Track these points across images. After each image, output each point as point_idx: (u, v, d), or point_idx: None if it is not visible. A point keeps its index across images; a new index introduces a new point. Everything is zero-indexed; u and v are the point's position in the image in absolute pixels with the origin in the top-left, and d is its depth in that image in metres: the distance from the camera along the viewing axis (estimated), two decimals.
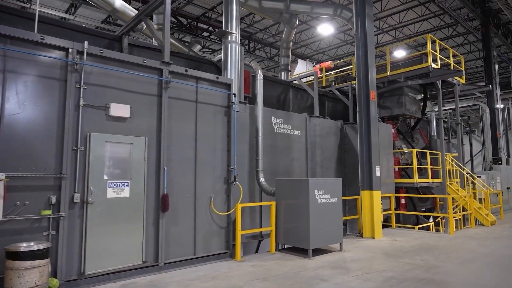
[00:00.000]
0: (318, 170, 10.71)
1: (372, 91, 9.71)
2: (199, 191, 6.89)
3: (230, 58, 8.32)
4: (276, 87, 11.88)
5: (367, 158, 9.58)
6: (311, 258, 6.98)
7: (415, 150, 11.75)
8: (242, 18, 21.11)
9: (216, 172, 7.25)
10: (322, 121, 11.19)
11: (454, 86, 13.20)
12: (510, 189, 16.05)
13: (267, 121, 9.43)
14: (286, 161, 9.91)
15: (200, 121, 7.06)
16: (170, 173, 6.48)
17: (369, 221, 9.36)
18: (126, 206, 5.87)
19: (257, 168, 8.75)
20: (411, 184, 11.66)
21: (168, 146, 6.50)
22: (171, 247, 6.39)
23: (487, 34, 18.31)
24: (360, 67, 9.86)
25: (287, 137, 9.98)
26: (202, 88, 7.14)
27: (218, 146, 7.34)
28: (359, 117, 9.84)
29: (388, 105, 13.45)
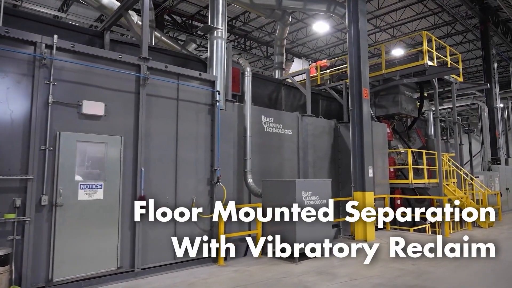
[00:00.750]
0: (311, 170, 10.39)
1: (365, 89, 9.40)
2: (180, 193, 6.58)
3: (215, 55, 8.00)
4: (268, 86, 11.57)
5: (359, 158, 9.27)
6: (297, 263, 6.67)
7: (410, 150, 11.42)
8: (237, 16, 20.82)
9: (199, 172, 6.94)
10: (314, 120, 10.88)
11: (451, 84, 12.86)
12: (510, 190, 15.71)
13: (256, 120, 9.12)
14: (277, 161, 9.61)
15: (181, 119, 6.75)
16: (149, 174, 6.18)
17: (361, 223, 9.03)
18: (100, 208, 5.57)
19: (245, 169, 8.46)
20: (406, 184, 11.33)
21: (146, 146, 6.19)
22: (149, 251, 6.09)
23: (486, 32, 17.97)
24: (353, 64, 9.55)
25: (277, 137, 9.67)
26: (184, 85, 6.84)
27: (201, 146, 7.04)
28: (352, 115, 9.53)
29: (384, 104, 13.13)
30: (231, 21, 21.30)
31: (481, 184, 13.31)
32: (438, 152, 11.69)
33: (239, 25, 21.49)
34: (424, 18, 20.47)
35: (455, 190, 12.26)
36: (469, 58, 26.70)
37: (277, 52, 14.74)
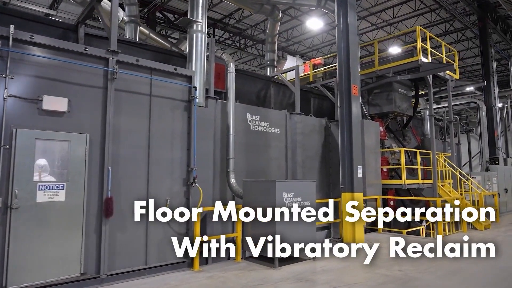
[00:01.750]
0: (299, 170, 10.01)
1: (354, 86, 9.02)
2: (153, 194, 6.21)
3: (195, 49, 7.64)
4: (256, 83, 11.19)
5: (348, 157, 8.89)
6: (277, 269, 6.29)
7: (403, 149, 11.03)
8: (231, 14, 20.47)
9: (174, 172, 6.58)
10: (304, 119, 10.49)
11: (446, 81, 12.46)
12: (508, 191, 15.28)
13: (241, 118, 8.75)
14: (263, 161, 9.22)
15: (155, 116, 6.39)
16: (117, 174, 5.82)
17: (350, 225, 8.66)
18: (61, 211, 5.21)
19: (227, 169, 8.07)
20: (399, 185, 10.94)
21: (115, 144, 5.83)
22: (117, 256, 5.73)
23: (484, 29, 17.55)
24: (342, 60, 9.17)
25: (264, 135, 9.29)
26: (157, 80, 6.47)
27: (177, 145, 6.67)
28: (340, 113, 9.15)
29: (377, 102, 12.75)
30: (225, 18, 20.97)
31: (477, 185, 12.90)
32: (432, 152, 11.29)
33: (233, 23, 21.11)
34: (421, 15, 20.08)
35: (451, 191, 11.86)
36: (468, 57, 26.28)
37: (269, 49, 14.34)
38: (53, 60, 5.36)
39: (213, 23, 21.33)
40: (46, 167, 5.29)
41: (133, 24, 10.69)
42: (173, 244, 6.39)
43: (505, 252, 7.43)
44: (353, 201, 8.62)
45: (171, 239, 6.38)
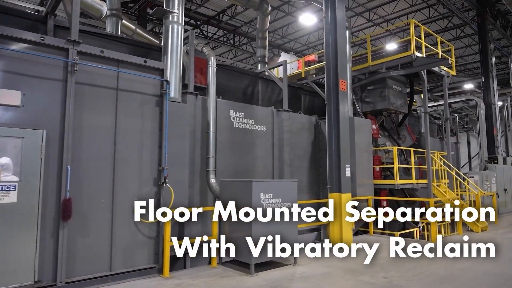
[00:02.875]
0: (287, 169, 9.56)
1: (342, 81, 8.57)
2: (119, 195, 5.79)
3: (171, 41, 7.21)
4: (243, 79, 10.75)
5: (336, 156, 8.44)
6: (253, 275, 5.85)
7: (395, 148, 10.57)
8: (224, 10, 20.04)
9: (144, 172, 6.15)
10: (292, 116, 10.05)
11: (442, 77, 12.00)
12: (507, 191, 14.78)
13: (224, 114, 8.33)
14: (248, 160, 8.79)
15: (122, 112, 5.97)
16: (78, 173, 5.40)
17: (338, 228, 8.21)
18: (12, 213, 4.79)
19: (207, 168, 7.66)
20: (391, 185, 10.48)
21: (76, 142, 5.41)
22: (78, 262, 5.31)
23: (483, 24, 17.05)
24: (330, 54, 8.72)
25: (249, 133, 8.86)
26: (125, 73, 6.05)
27: (147, 142, 6.24)
28: (328, 109, 8.71)
29: (371, 99, 12.30)
30: (218, 15, 20.55)
31: (474, 185, 12.41)
32: (427, 150, 10.83)
33: (226, 20, 20.67)
34: (419, 11, 19.61)
35: (446, 191, 11.40)
36: (468, 54, 25.77)
37: (260, 45, 13.90)
38: (5, 50, 4.94)
39: (206, 20, 20.93)
40: (8, 165, 4.89)
41: (114, 18, 10.27)
42: (142, 249, 6.01)
43: (502, 256, 6.99)
44: (344, 202, 8.22)
45: (140, 243, 5.98)
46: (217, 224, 6.57)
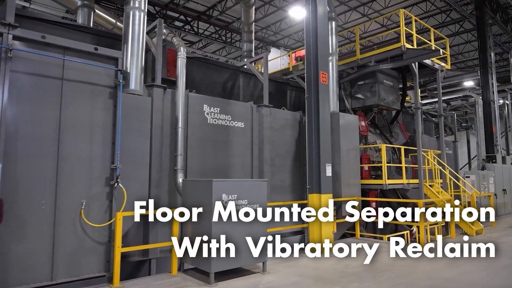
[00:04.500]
0: (268, 169, 8.95)
1: (322, 73, 7.97)
2: (63, 196, 5.23)
3: (131, 29, 6.64)
4: (222, 73, 10.16)
5: (316, 154, 7.84)
6: (212, 285, 5.25)
7: (384, 146, 9.94)
8: (214, 5, 19.46)
9: (94, 171, 5.58)
10: (274, 112, 9.45)
11: (436, 72, 11.35)
12: (506, 192, 14.09)
13: (196, 110, 7.76)
14: (224, 159, 8.20)
15: (68, 104, 5.41)
16: (14, 172, 4.84)
17: (317, 231, 7.61)
18: None
19: (175, 167, 7.09)
20: (380, 185, 9.86)
21: (10, 137, 4.86)
22: (12, 272, 4.75)
23: (481, 18, 16.35)
24: (310, 44, 8.13)
25: (225, 130, 8.28)
26: (72, 61, 5.48)
27: (98, 138, 5.68)
28: (308, 104, 8.13)
29: (361, 95, 11.67)
30: (208, 10, 19.98)
31: (469, 185, 11.75)
32: (418, 148, 10.19)
33: (216, 15, 20.07)
34: (416, 5, 18.93)
35: (440, 192, 10.75)
36: (469, 50, 25.05)
37: (245, 39, 13.34)
38: None
39: (196, 15, 20.38)
40: None
41: (86, 9, 9.73)
42: (91, 255, 5.44)
43: (496, 262, 6.38)
44: (324, 203, 7.62)
45: (89, 248, 5.42)
46: (177, 227, 5.99)
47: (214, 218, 5.33)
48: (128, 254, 6.25)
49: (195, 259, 5.69)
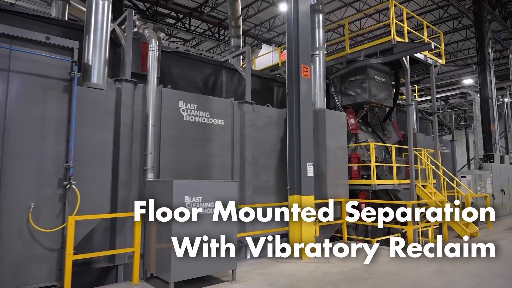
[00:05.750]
0: (250, 168, 8.47)
1: (304, 66, 7.48)
2: (7, 198, 4.77)
3: (94, 18, 6.19)
4: (204, 68, 9.69)
5: (297, 153, 7.36)
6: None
7: (372, 144, 9.44)
8: (206, 1, 19.01)
9: (45, 170, 5.12)
10: (258, 109, 8.95)
11: (429, 67, 10.85)
12: (505, 192, 13.55)
13: (171, 106, 7.30)
14: (202, 158, 7.73)
15: (15, 98, 4.95)
16: None
17: (297, 235, 7.14)
18: None
19: (144, 166, 6.62)
20: (368, 186, 9.37)
21: None
22: None
23: (479, 12, 15.83)
24: (292, 35, 7.65)
25: (203, 128, 7.81)
26: (20, 51, 5.03)
27: (51, 135, 5.22)
28: (289, 99, 7.65)
29: (351, 92, 11.18)
30: (200, 7, 19.53)
31: (464, 186, 11.23)
32: (410, 147, 9.70)
33: (208, 11, 19.62)
34: (412, 0, 18.40)
35: (433, 193, 10.25)
36: (468, 48, 24.47)
37: (233, 34, 12.87)
38: None
39: (188, 12, 19.93)
40: None
41: (60, 2, 9.29)
42: (41, 263, 4.99)
43: (487, 267, 5.90)
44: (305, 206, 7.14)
45: (38, 256, 4.96)
46: (139, 232, 5.53)
47: (174, 223, 4.86)
48: (92, 260, 5.83)
49: (156, 267, 5.24)
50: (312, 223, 7.25)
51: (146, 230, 5.57)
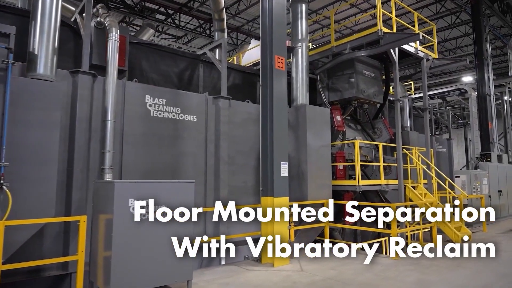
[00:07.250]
0: (225, 168, 7.88)
1: (278, 57, 6.93)
2: None
3: (41, 4, 5.63)
4: (178, 62, 9.13)
5: (270, 151, 6.80)
6: None
7: (357, 142, 8.84)
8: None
9: None
10: (235, 104, 8.37)
11: (421, 61, 10.26)
12: (502, 193, 12.92)
13: (135, 100, 6.75)
14: (172, 157, 7.18)
15: None
16: None
17: (270, 241, 6.57)
18: None
19: (102, 166, 6.07)
20: (353, 187, 8.78)
21: None
22: None
23: (477, 6, 15.21)
24: (266, 25, 7.11)
25: (173, 124, 7.26)
26: None
27: None
28: (263, 93, 7.12)
29: (338, 87, 10.59)
30: (190, 2, 18.97)
31: (456, 187, 10.62)
32: (398, 146, 9.11)
33: (197, 6, 19.08)
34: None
35: (424, 194, 9.65)
36: (467, 44, 23.80)
37: (217, 28, 12.26)
38: None
39: (178, 7, 19.38)
40: None
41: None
42: None
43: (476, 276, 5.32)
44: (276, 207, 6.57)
45: None
46: (84, 238, 4.97)
47: (114, 229, 4.31)
48: (41, 268, 5.32)
49: (102, 278, 4.69)
50: (286, 227, 6.67)
51: (93, 236, 5.02)
